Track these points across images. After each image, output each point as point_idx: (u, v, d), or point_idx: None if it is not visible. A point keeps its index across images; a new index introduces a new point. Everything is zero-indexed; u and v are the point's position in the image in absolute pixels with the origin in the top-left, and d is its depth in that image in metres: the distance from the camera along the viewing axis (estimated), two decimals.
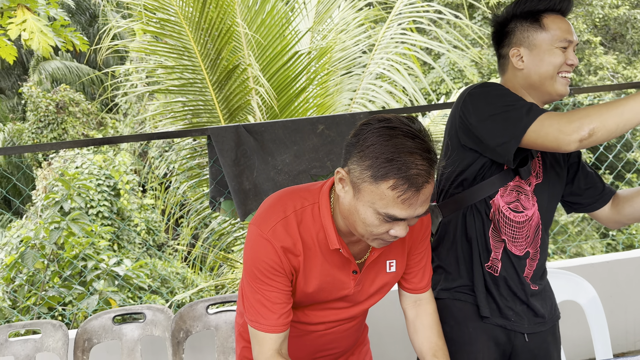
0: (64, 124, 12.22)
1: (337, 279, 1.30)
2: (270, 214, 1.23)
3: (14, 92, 16.19)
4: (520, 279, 1.57)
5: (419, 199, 1.09)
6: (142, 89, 4.38)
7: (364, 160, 1.10)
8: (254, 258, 1.22)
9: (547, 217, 1.60)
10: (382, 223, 1.13)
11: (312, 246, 1.25)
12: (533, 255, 1.58)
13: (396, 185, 1.07)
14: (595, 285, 2.62)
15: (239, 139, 2.60)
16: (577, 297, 2.00)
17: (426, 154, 1.09)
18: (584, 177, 1.66)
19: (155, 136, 2.66)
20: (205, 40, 4.02)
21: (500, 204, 1.53)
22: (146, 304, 2.19)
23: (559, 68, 1.51)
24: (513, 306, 1.59)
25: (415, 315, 1.44)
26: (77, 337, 2.07)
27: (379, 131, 1.10)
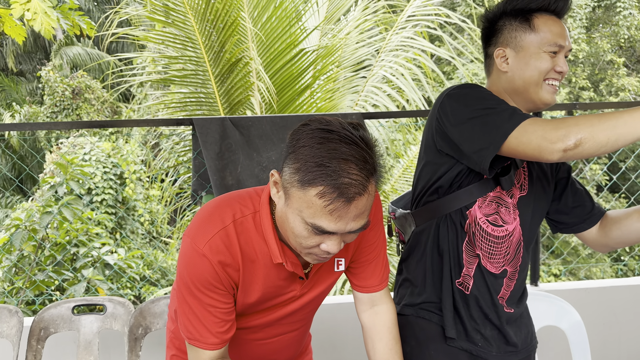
0: (78, 110, 12.28)
1: (281, 288, 1.20)
2: (206, 224, 1.11)
3: (34, 76, 16.34)
4: (493, 300, 1.43)
5: (350, 212, 0.98)
6: (144, 77, 4.32)
7: (294, 162, 0.99)
8: (190, 274, 1.11)
9: (529, 234, 1.46)
10: (311, 235, 1.02)
11: (254, 259, 1.14)
12: (511, 274, 1.44)
13: (324, 193, 0.95)
14: (589, 312, 2.49)
15: (224, 131, 2.51)
16: (559, 322, 1.87)
17: (363, 163, 0.97)
18: (573, 194, 1.52)
19: (139, 123, 2.58)
20: (210, 32, 3.95)
21: (478, 216, 1.40)
22: (108, 296, 2.09)
23: (545, 74, 1.38)
24: (482, 330, 1.44)
25: (371, 324, 1.33)
26: (34, 325, 1.99)
27: (314, 133, 0.98)
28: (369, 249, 1.29)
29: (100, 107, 12.42)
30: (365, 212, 1.01)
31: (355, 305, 1.35)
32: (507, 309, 1.45)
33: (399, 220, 1.58)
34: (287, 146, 1.02)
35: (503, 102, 1.34)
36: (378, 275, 1.31)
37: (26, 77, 16.72)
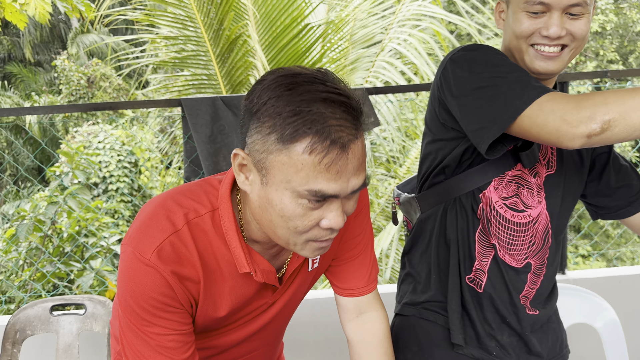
0: (94, 98, 12.25)
1: (251, 297, 0.98)
2: (152, 229, 0.87)
3: (51, 66, 16.39)
4: (512, 300, 1.19)
5: (349, 163, 0.77)
6: (145, 60, 4.15)
7: (263, 123, 0.77)
8: (136, 292, 0.86)
9: (559, 221, 1.21)
10: (307, 210, 0.79)
11: (215, 268, 0.91)
12: (537, 269, 1.19)
13: (314, 145, 0.75)
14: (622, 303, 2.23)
15: (215, 112, 2.31)
16: (592, 320, 1.63)
17: (346, 100, 0.77)
18: (616, 172, 1.25)
19: (126, 105, 2.40)
20: (209, 9, 3.73)
21: (493, 199, 1.15)
22: (88, 294, 1.93)
23: (525, 38, 1.10)
24: (498, 336, 1.20)
25: (359, 336, 1.10)
26: (9, 328, 1.83)
27: (277, 81, 0.78)
28: (353, 243, 1.07)
29: (116, 94, 12.36)
30: (363, 163, 0.81)
31: (339, 315, 1.12)
32: (531, 310, 1.21)
33: (403, 206, 1.34)
34: (245, 111, 0.81)
35: (517, 68, 1.08)
36: (364, 275, 1.09)
37: (44, 67, 16.79)
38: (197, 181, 0.95)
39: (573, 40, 1.09)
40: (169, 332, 0.88)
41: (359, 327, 1.10)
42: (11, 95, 14.81)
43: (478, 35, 4.79)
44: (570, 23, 1.08)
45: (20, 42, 16.56)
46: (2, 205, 11.85)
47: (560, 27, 1.07)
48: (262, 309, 1.02)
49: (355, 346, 1.10)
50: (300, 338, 2.21)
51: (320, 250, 0.86)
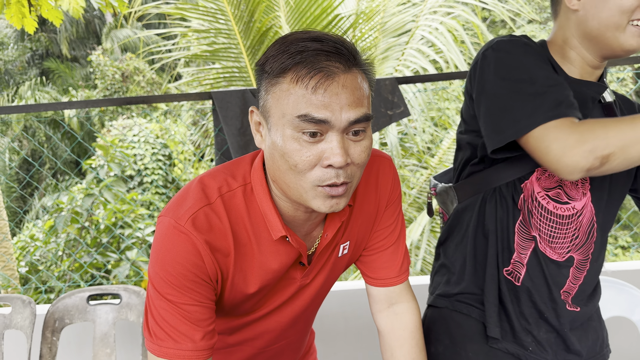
0: (128, 92, 12.47)
1: (280, 276, 0.98)
2: (188, 200, 0.89)
3: (87, 61, 16.76)
4: (552, 295, 1.15)
5: (339, 92, 0.79)
6: (176, 54, 4.19)
7: (263, 72, 0.83)
8: (167, 260, 0.87)
9: (606, 215, 1.16)
10: (304, 144, 0.80)
11: (246, 241, 0.92)
12: (579, 263, 1.15)
13: (299, 73, 0.79)
14: None
15: (245, 105, 2.31)
16: (630, 313, 1.58)
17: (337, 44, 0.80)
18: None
19: (157, 99, 2.43)
20: (239, 2, 3.74)
21: (535, 189, 1.12)
22: (123, 285, 1.97)
23: (630, 14, 1.04)
24: (535, 331, 1.17)
25: (390, 327, 1.09)
26: (48, 316, 1.89)
27: (276, 41, 0.85)
28: (384, 232, 1.06)
29: (150, 88, 12.56)
30: (360, 97, 0.81)
31: (370, 306, 1.12)
32: (572, 307, 1.17)
33: (440, 196, 1.31)
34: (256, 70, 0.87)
35: (544, 75, 1.04)
36: (396, 265, 1.08)
37: (80, 63, 17.17)
38: (233, 160, 0.97)
39: None
40: (196, 303, 0.90)
41: (390, 318, 1.09)
42: (49, 90, 15.22)
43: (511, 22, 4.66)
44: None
45: (57, 39, 16.98)
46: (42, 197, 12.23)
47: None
48: (292, 291, 1.01)
49: (386, 337, 1.09)
50: (331, 329, 2.21)
51: (332, 200, 0.84)
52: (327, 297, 2.17)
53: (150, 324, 0.91)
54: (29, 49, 17.33)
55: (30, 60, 17.35)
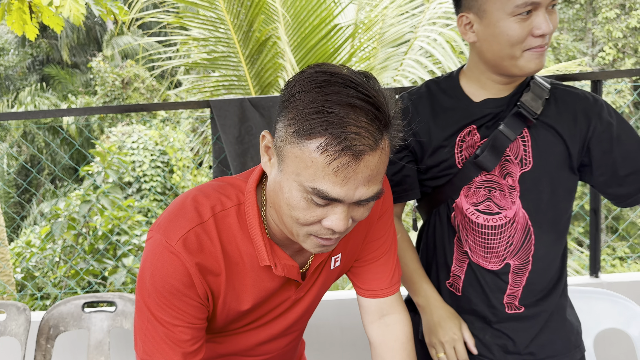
0: (128, 99, 12.50)
1: (274, 292, 0.98)
2: (180, 218, 0.89)
3: (87, 68, 16.80)
4: (490, 302, 1.21)
5: (359, 171, 0.76)
6: (174, 62, 4.21)
7: (287, 113, 0.79)
8: (156, 277, 0.87)
9: (546, 215, 1.19)
10: (311, 206, 0.79)
11: (238, 260, 0.92)
12: (518, 268, 1.20)
13: (326, 146, 0.74)
14: None
15: (243, 114, 2.32)
16: (626, 326, 1.58)
17: (374, 111, 0.75)
18: (623, 158, 1.17)
19: (156, 107, 2.43)
20: (238, 11, 3.76)
21: (464, 206, 1.19)
22: (118, 292, 1.97)
23: (520, 44, 1.08)
24: (480, 334, 1.23)
25: (381, 339, 1.09)
26: (43, 324, 1.88)
27: (313, 76, 0.78)
28: (376, 244, 1.06)
29: (149, 95, 12.59)
30: (378, 176, 0.80)
31: (361, 317, 1.12)
32: (515, 309, 1.22)
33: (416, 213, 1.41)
34: (281, 97, 0.82)
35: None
36: (387, 277, 1.08)
37: (80, 69, 17.22)
38: (229, 176, 0.97)
39: (550, 35, 1.10)
40: (179, 323, 0.90)
41: (381, 330, 1.10)
42: (49, 96, 15.25)
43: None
44: (551, 18, 1.09)
45: (58, 45, 17.03)
46: (40, 203, 12.21)
47: (548, 22, 1.07)
48: (286, 305, 1.02)
49: (378, 348, 1.10)
50: (327, 339, 2.21)
51: (322, 247, 0.86)
52: (324, 307, 2.17)
53: (136, 337, 0.92)
54: (29, 54, 17.38)
55: (31, 66, 17.39)
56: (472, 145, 1.18)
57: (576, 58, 12.79)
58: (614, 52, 12.73)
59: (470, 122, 1.18)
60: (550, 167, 1.17)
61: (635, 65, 12.71)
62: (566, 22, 13.51)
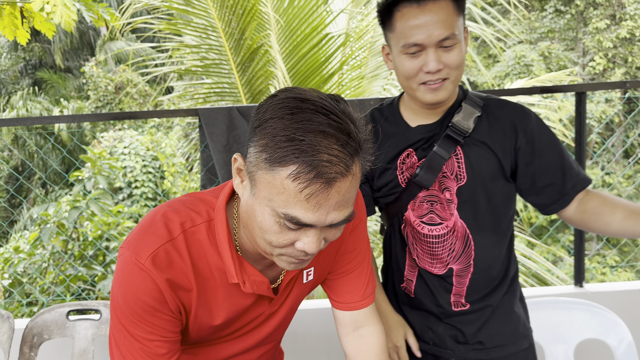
0: (120, 104, 12.48)
1: (247, 307, 1.00)
2: (150, 235, 0.89)
3: (80, 72, 16.77)
4: (438, 301, 1.35)
5: (331, 198, 0.77)
6: (166, 68, 4.22)
7: (260, 139, 0.79)
8: (128, 294, 0.88)
9: (483, 223, 1.30)
10: (283, 230, 0.81)
11: (209, 276, 0.93)
12: (460, 271, 1.32)
13: (298, 174, 0.75)
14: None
15: (231, 122, 2.33)
16: (605, 336, 1.60)
17: (345, 137, 0.76)
18: (541, 171, 1.28)
19: (145, 115, 2.44)
20: (230, 19, 3.78)
21: (412, 219, 1.33)
22: (103, 301, 1.96)
23: (413, 78, 1.21)
24: (434, 328, 1.37)
25: (355, 351, 1.10)
26: (26, 332, 1.88)
27: (284, 102, 0.78)
28: (349, 257, 1.08)
29: (142, 100, 12.57)
30: (349, 200, 0.81)
31: (337, 329, 1.13)
32: (461, 306, 1.35)
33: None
34: (252, 121, 0.82)
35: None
36: (359, 289, 1.10)
37: (73, 74, 17.18)
38: (200, 192, 0.97)
39: (451, 71, 1.20)
40: (155, 338, 0.91)
41: (355, 342, 1.11)
42: (41, 100, 15.19)
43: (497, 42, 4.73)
44: (445, 56, 1.18)
45: (51, 49, 16.98)
46: (30, 208, 12.14)
47: (437, 61, 1.18)
48: (261, 319, 1.03)
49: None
50: (314, 347, 2.21)
51: (295, 265, 0.87)
52: (311, 316, 2.18)
53: (112, 352, 0.93)
54: (22, 58, 17.32)
55: (23, 70, 17.33)
56: (411, 166, 1.30)
57: (567, 67, 12.91)
58: (604, 61, 12.87)
59: (408, 146, 1.31)
60: (484, 180, 1.27)
61: (624, 75, 12.84)
62: (557, 32, 13.64)
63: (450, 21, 1.17)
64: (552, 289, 2.47)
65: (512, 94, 2.23)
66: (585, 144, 2.28)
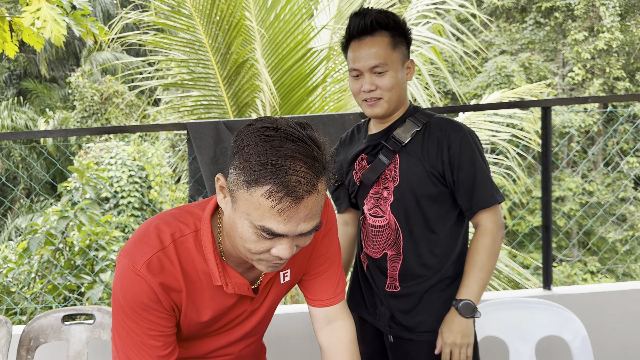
0: (107, 114, 12.51)
1: (231, 306, 1.14)
2: (144, 244, 1.04)
3: (65, 82, 16.76)
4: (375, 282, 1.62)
5: (299, 211, 0.92)
6: (154, 82, 4.33)
7: (239, 163, 0.94)
8: (126, 296, 1.03)
9: (411, 220, 1.55)
10: (260, 239, 0.96)
11: (196, 279, 1.08)
12: (393, 257, 1.59)
13: (271, 193, 0.90)
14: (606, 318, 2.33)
15: (218, 135, 2.46)
16: (561, 332, 1.75)
17: (311, 160, 0.92)
18: (458, 184, 1.53)
19: (135, 129, 2.55)
20: (216, 34, 3.91)
21: (365, 212, 1.63)
22: (97, 305, 2.07)
23: (357, 95, 1.55)
24: (378, 304, 1.63)
25: (329, 343, 1.25)
26: (23, 336, 1.97)
27: (259, 131, 0.93)
28: (321, 260, 1.23)
29: (128, 111, 12.61)
30: (316, 213, 0.96)
31: (312, 324, 1.27)
32: (392, 288, 1.60)
33: None
34: (232, 147, 0.97)
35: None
36: (330, 288, 1.25)
37: (58, 84, 17.16)
38: (187, 205, 1.13)
39: (383, 92, 1.50)
40: (152, 333, 1.05)
41: (328, 335, 1.25)
42: (26, 110, 15.15)
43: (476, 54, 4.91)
44: (378, 79, 1.49)
45: (36, 59, 16.96)
46: (15, 218, 12.09)
47: (370, 83, 1.50)
48: (244, 316, 1.17)
49: (326, 352, 1.25)
50: (298, 350, 2.33)
51: (272, 268, 1.02)
52: (294, 319, 2.30)
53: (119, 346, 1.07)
54: (6, 68, 17.27)
55: (8, 80, 17.27)
56: (362, 169, 1.62)
57: (547, 78, 13.21)
58: (582, 72, 13.19)
59: (361, 152, 1.63)
60: (412, 184, 1.53)
61: (602, 85, 13.18)
62: (537, 44, 13.96)
63: (382, 53, 1.47)
64: (522, 292, 2.62)
65: (481, 109, 2.38)
66: (551, 155, 2.44)
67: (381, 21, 1.48)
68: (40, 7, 4.05)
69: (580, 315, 1.83)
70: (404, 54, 1.53)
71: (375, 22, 1.48)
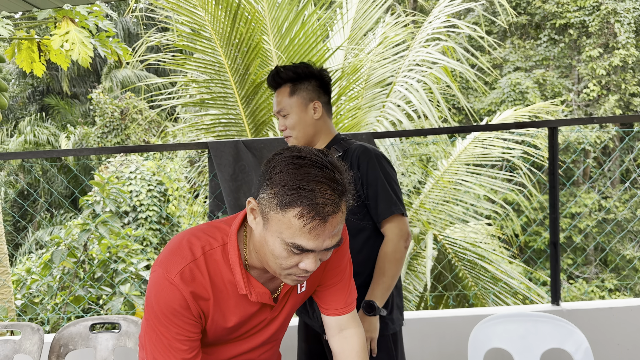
0: (127, 130, 12.78)
1: (254, 313, 1.26)
2: (177, 256, 1.17)
3: (86, 98, 17.16)
4: None
5: (326, 229, 1.06)
6: (176, 101, 4.50)
7: (271, 188, 1.06)
8: (159, 302, 1.15)
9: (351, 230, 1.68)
10: (291, 255, 1.08)
11: (222, 288, 1.20)
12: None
13: (302, 214, 1.03)
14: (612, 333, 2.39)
15: (237, 154, 2.59)
16: (565, 344, 1.82)
17: (334, 184, 1.05)
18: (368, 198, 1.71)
19: (158, 148, 2.69)
20: (235, 56, 4.07)
21: None
22: (122, 315, 2.19)
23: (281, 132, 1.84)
24: (316, 307, 1.69)
25: (340, 349, 1.35)
26: (54, 343, 2.10)
27: (288, 160, 1.07)
28: (334, 272, 1.34)
29: (148, 127, 12.88)
30: (339, 230, 1.09)
31: (325, 332, 1.39)
32: None
33: None
34: (263, 174, 1.10)
35: None
36: (342, 299, 1.36)
37: (79, 100, 17.56)
38: (215, 221, 1.25)
39: (291, 130, 1.78)
40: (180, 337, 1.17)
41: (340, 342, 1.36)
42: (48, 126, 15.54)
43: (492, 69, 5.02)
44: (285, 120, 1.78)
45: (58, 76, 17.40)
46: (36, 231, 12.36)
47: (281, 124, 1.80)
48: (264, 323, 1.29)
49: (338, 357, 1.36)
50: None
51: (297, 281, 1.15)
52: None
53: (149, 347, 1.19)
54: (30, 85, 17.74)
55: (31, 96, 17.73)
56: None
57: (561, 94, 13.23)
58: (597, 88, 13.19)
59: None
60: None
61: (618, 101, 13.16)
62: (552, 60, 14.01)
63: (282, 100, 1.77)
64: (530, 307, 2.68)
65: (488, 129, 2.48)
66: (558, 174, 2.52)
67: (282, 77, 1.77)
68: (69, 30, 4.26)
69: (586, 331, 1.90)
70: (305, 98, 1.76)
71: (276, 79, 1.78)
